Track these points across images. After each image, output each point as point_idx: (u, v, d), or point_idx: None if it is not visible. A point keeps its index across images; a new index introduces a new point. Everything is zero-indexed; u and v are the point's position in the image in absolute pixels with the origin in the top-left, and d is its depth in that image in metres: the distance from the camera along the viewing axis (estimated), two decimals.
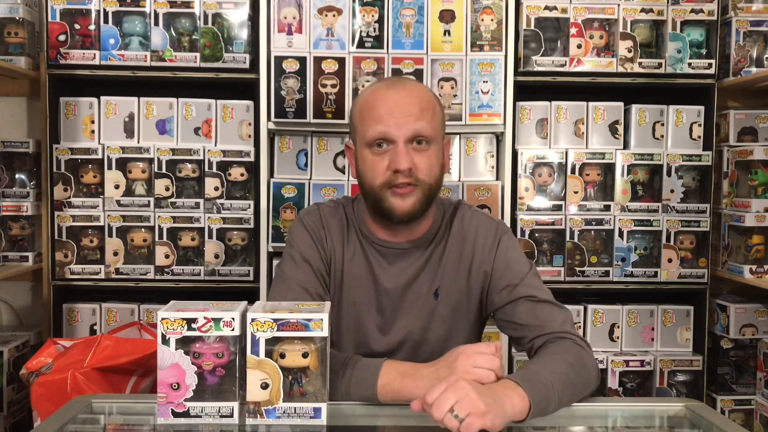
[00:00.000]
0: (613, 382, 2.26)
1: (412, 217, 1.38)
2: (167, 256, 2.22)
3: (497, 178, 2.27)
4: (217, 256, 2.23)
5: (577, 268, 2.26)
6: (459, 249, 1.46)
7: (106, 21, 2.19)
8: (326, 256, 1.44)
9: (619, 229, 2.26)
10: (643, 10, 2.25)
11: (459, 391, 1.06)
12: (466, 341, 1.44)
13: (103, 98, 2.24)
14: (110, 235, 2.22)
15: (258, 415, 1.12)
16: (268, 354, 1.11)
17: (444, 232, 1.47)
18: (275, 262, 2.05)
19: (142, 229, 2.23)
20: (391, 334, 1.43)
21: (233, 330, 1.12)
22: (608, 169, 2.29)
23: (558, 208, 2.27)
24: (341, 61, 2.17)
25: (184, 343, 1.12)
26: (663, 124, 2.31)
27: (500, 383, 1.16)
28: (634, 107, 2.30)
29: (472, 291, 1.45)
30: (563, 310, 1.41)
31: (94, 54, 2.19)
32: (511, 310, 1.40)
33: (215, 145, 2.24)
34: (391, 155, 1.34)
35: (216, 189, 2.23)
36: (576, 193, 2.27)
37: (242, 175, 2.24)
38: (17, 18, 2.24)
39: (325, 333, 1.12)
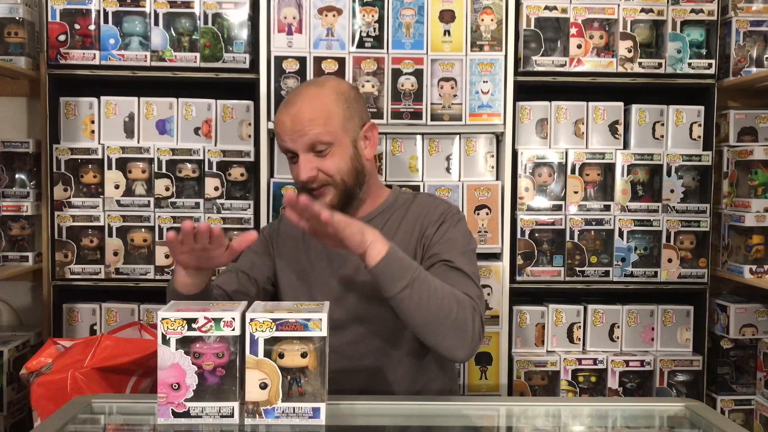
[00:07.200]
0: (613, 382, 2.26)
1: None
2: (167, 257, 2.22)
3: (497, 178, 2.27)
4: None
5: (577, 268, 2.26)
6: (412, 226, 1.55)
7: (106, 21, 2.19)
8: (269, 245, 1.65)
9: (619, 229, 2.26)
10: (643, 10, 2.25)
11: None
12: None
13: (103, 98, 2.24)
14: (110, 235, 2.22)
15: (257, 415, 1.12)
16: (267, 354, 1.11)
17: (401, 212, 1.57)
18: None
19: (142, 229, 2.23)
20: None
21: (233, 330, 1.12)
22: (608, 169, 2.29)
23: (558, 208, 2.27)
24: (341, 61, 2.17)
25: (185, 343, 1.12)
26: (663, 124, 2.30)
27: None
28: (634, 107, 2.30)
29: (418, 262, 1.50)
30: (476, 285, 1.45)
31: (94, 54, 2.19)
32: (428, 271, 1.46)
33: (215, 145, 2.24)
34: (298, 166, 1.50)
35: (216, 189, 2.23)
36: (576, 193, 2.27)
37: (242, 175, 2.24)
38: (17, 18, 2.24)
39: (324, 333, 1.12)
